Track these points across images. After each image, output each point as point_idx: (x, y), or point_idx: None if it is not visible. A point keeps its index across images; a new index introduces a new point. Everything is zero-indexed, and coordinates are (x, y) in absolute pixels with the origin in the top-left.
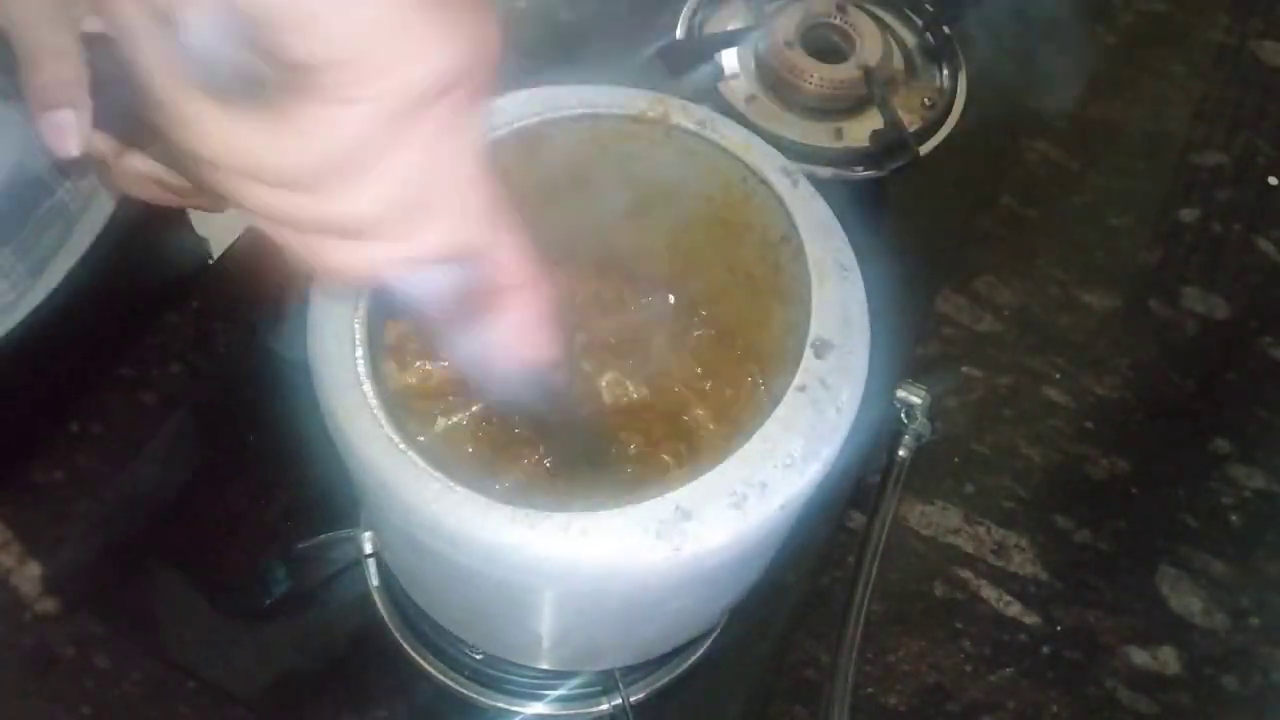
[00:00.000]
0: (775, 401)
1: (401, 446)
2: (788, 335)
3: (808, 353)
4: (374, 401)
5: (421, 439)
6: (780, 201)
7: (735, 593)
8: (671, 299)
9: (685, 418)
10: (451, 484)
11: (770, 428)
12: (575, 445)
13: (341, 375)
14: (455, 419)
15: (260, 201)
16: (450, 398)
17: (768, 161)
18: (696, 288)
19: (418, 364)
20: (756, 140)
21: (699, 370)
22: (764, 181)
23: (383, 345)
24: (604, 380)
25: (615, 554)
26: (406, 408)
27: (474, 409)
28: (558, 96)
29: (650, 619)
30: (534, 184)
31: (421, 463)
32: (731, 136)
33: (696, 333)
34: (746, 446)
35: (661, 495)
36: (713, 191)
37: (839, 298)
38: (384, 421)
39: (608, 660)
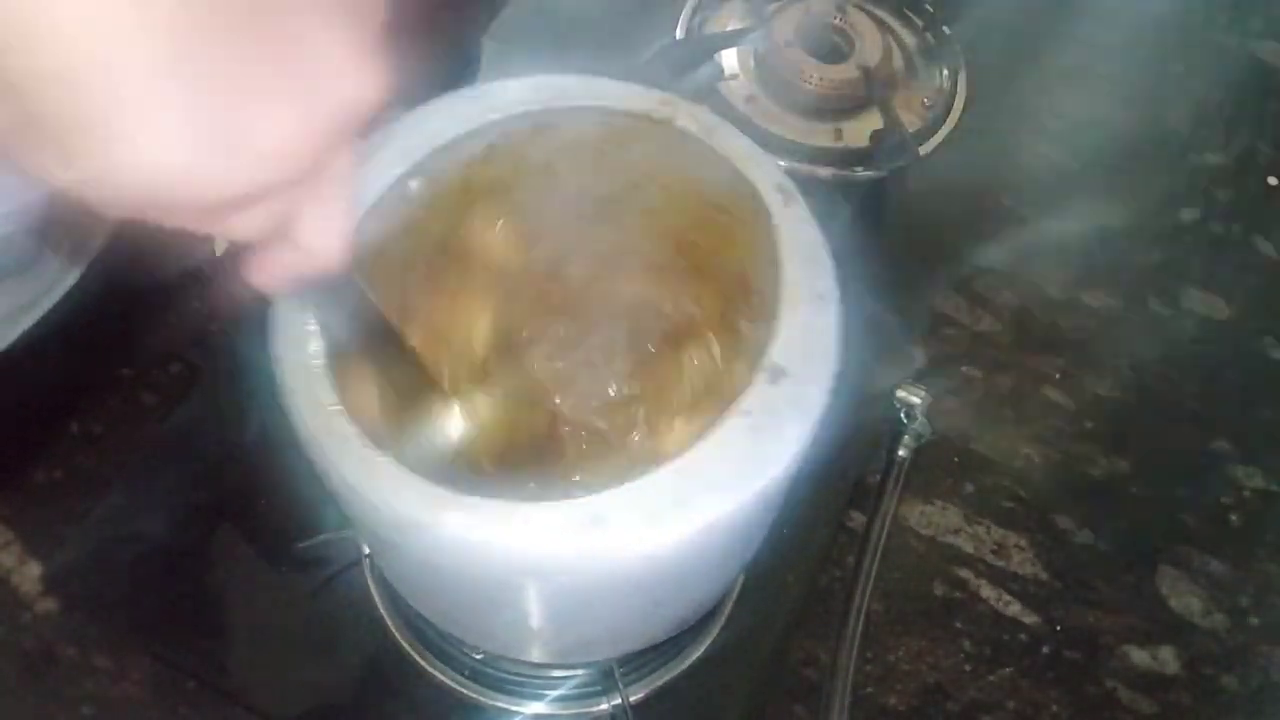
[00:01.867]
0: (718, 422)
1: (333, 408)
2: (752, 357)
3: (760, 377)
4: (317, 361)
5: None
6: (770, 219)
7: (684, 604)
8: (657, 300)
9: (639, 426)
10: (374, 452)
11: (704, 448)
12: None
13: (290, 332)
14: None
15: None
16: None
17: (766, 177)
18: (681, 294)
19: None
20: (759, 152)
21: (659, 383)
22: (758, 196)
23: None
24: (575, 369)
25: (523, 547)
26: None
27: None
28: (568, 86)
29: (581, 619)
30: (536, 167)
31: (350, 428)
32: (735, 146)
33: (672, 330)
34: (675, 463)
35: (579, 497)
36: (711, 197)
37: (806, 326)
38: (322, 385)
39: (575, 655)
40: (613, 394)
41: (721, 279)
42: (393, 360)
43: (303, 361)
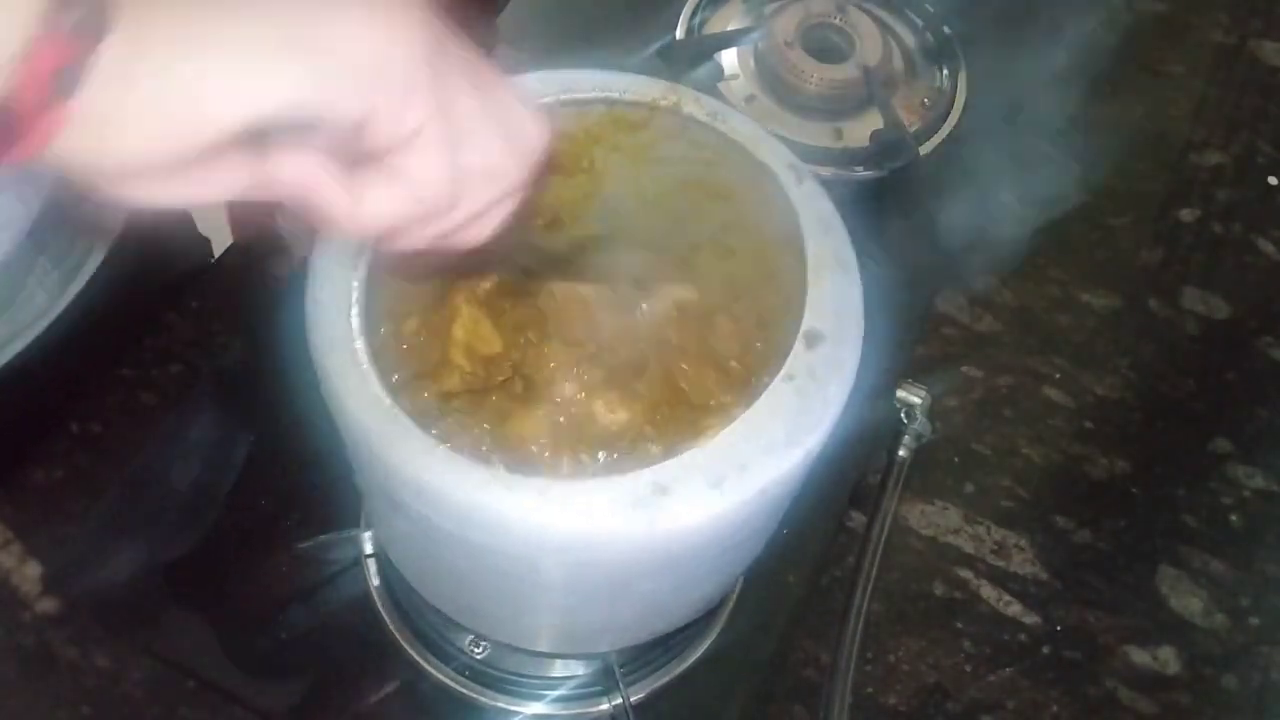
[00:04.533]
0: (763, 388)
1: (388, 404)
2: (784, 326)
3: (799, 343)
4: (360, 349)
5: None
6: (785, 196)
7: (714, 581)
8: (677, 284)
9: (677, 396)
10: (434, 442)
11: (755, 412)
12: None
13: (331, 320)
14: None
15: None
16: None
17: (775, 156)
18: (702, 272)
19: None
20: (765, 135)
21: (693, 353)
22: (771, 176)
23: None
24: (605, 351)
25: (590, 524)
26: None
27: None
28: (573, 79)
29: (627, 598)
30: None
31: (405, 418)
32: (741, 130)
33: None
34: (729, 428)
35: (639, 469)
36: (721, 182)
37: (835, 292)
38: (373, 379)
39: (596, 643)
40: (650, 369)
41: (745, 255)
42: None
43: (346, 349)
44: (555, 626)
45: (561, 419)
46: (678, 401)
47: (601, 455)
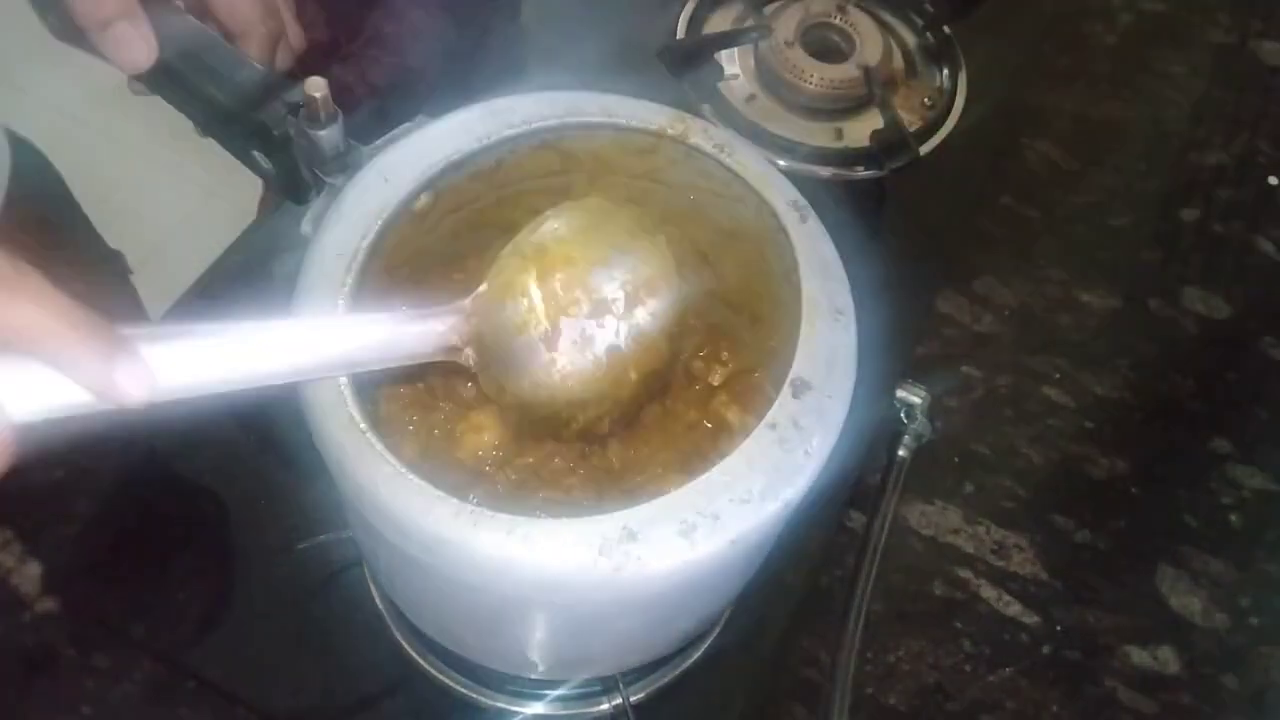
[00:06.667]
0: (745, 434)
1: (362, 426)
2: (772, 371)
3: (785, 391)
4: (342, 381)
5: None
6: (786, 236)
7: (697, 614)
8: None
9: (662, 436)
10: (403, 469)
11: (733, 461)
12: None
13: None
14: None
15: None
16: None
17: (780, 194)
18: (696, 304)
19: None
20: (772, 171)
21: (680, 391)
22: (774, 214)
23: None
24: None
25: (555, 564)
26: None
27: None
28: (580, 102)
29: (602, 634)
30: (549, 183)
31: (378, 445)
32: (748, 164)
33: (688, 351)
34: (705, 476)
35: (610, 512)
36: (724, 215)
37: (827, 341)
38: (348, 400)
39: (580, 670)
40: (636, 408)
41: (741, 294)
42: None
43: (329, 380)
44: (536, 656)
45: (545, 457)
46: (662, 442)
47: (578, 495)
